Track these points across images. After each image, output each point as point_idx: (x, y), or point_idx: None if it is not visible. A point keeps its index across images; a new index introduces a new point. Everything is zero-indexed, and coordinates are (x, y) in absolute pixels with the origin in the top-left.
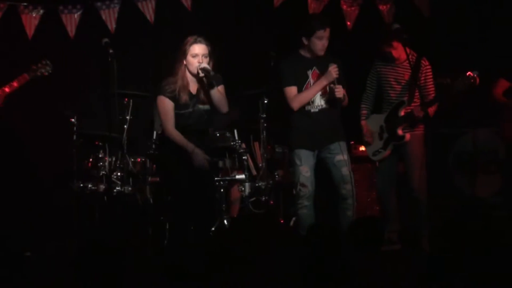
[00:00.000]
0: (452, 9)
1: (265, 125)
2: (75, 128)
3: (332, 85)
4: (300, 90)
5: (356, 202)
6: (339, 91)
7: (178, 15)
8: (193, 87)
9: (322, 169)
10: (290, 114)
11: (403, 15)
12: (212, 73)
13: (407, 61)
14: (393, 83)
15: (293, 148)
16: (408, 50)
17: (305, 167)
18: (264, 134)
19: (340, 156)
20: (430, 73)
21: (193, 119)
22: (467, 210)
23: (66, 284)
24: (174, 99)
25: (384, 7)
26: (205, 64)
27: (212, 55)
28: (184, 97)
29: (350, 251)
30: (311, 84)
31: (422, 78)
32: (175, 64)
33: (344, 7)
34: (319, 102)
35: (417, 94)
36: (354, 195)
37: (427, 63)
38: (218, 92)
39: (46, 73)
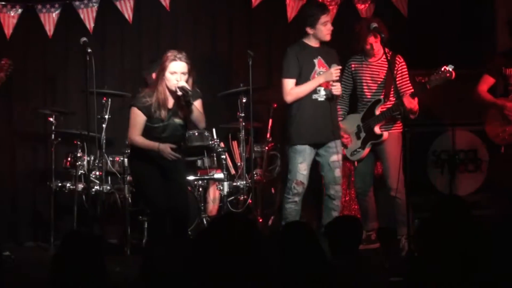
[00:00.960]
0: (430, 8)
1: (243, 124)
2: (53, 127)
3: (331, 85)
4: (306, 79)
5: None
6: (337, 89)
7: (156, 15)
8: (170, 102)
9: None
10: (292, 104)
11: (381, 14)
12: (190, 92)
13: (382, 59)
14: (369, 81)
15: (295, 143)
16: (384, 50)
17: (304, 164)
18: (243, 133)
19: (335, 156)
20: (406, 70)
21: (167, 132)
22: (447, 209)
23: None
24: (148, 112)
25: (363, 6)
26: (183, 83)
27: (191, 72)
28: (161, 112)
29: (328, 250)
30: (318, 73)
31: (398, 75)
32: (156, 77)
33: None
34: (324, 91)
35: (392, 91)
36: (340, 198)
37: (401, 60)
38: (196, 109)
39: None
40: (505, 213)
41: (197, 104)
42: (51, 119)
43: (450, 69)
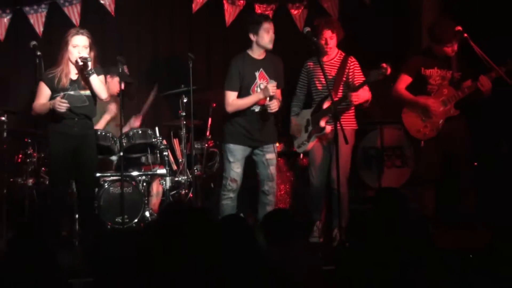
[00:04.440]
0: (358, 11)
1: (184, 122)
2: (4, 126)
3: (267, 101)
4: (247, 91)
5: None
6: (274, 107)
7: (102, 19)
8: (73, 73)
9: (248, 162)
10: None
11: (313, 18)
12: (89, 59)
13: (335, 59)
14: (322, 79)
15: (227, 143)
16: (339, 51)
17: (237, 163)
18: (184, 131)
19: (270, 155)
20: (358, 69)
21: (74, 102)
22: (387, 200)
23: None
24: (52, 83)
25: (296, 11)
26: (84, 54)
27: (93, 46)
28: (63, 82)
29: (264, 242)
30: (258, 86)
31: (351, 74)
32: (58, 53)
33: (259, 11)
34: (260, 107)
35: (341, 89)
36: (274, 193)
37: (353, 60)
38: (97, 80)
39: None
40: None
41: (100, 78)
42: (3, 118)
43: (387, 66)
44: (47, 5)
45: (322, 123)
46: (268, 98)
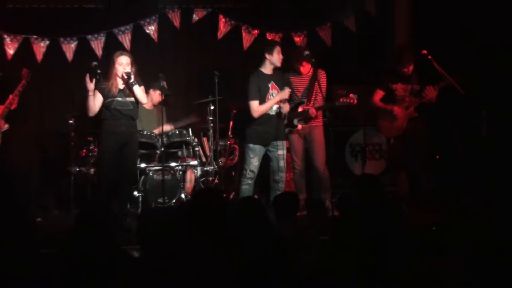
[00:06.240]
0: (348, 40)
1: (211, 124)
2: (72, 127)
3: (281, 103)
4: (263, 99)
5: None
6: (285, 107)
7: (147, 44)
8: (120, 84)
9: (264, 157)
10: (251, 117)
11: (312, 44)
12: (132, 75)
13: (309, 74)
14: (300, 88)
15: (249, 143)
16: (312, 67)
17: (255, 158)
18: (211, 131)
19: (280, 151)
20: (325, 81)
21: (121, 105)
22: (367, 183)
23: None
24: (104, 91)
25: (299, 38)
26: (127, 70)
27: (133, 63)
28: (113, 91)
29: (274, 218)
30: (271, 95)
31: (321, 84)
32: (109, 70)
33: (269, 38)
34: (276, 108)
35: (313, 97)
36: (284, 181)
37: (323, 72)
38: (138, 89)
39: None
40: (402, 188)
41: (141, 88)
42: (71, 121)
43: (355, 97)
44: (105, 34)
45: (295, 122)
46: (281, 101)
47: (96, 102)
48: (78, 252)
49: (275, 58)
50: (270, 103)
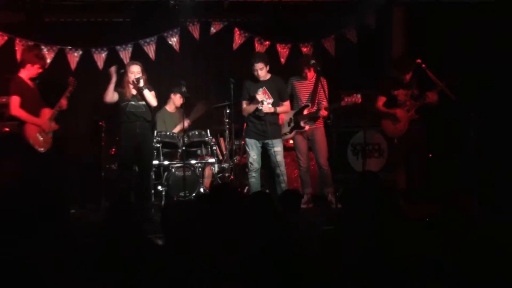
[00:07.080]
0: (351, 49)
1: (227, 126)
2: (103, 129)
3: (259, 106)
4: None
5: (286, 177)
6: (265, 108)
7: (170, 54)
8: (133, 90)
9: (266, 155)
10: (247, 116)
11: (318, 54)
12: (142, 81)
13: (312, 80)
14: (304, 93)
15: (245, 138)
16: (315, 74)
17: (252, 151)
18: (227, 132)
19: (277, 148)
20: (326, 87)
21: (134, 108)
22: (367, 179)
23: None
24: (121, 95)
25: (306, 49)
26: (138, 76)
27: (144, 72)
28: (127, 96)
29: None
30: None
31: (322, 90)
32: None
33: (279, 49)
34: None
35: (316, 100)
36: (285, 174)
37: (324, 80)
38: (148, 93)
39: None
40: (401, 183)
41: (151, 93)
42: (101, 123)
43: (359, 96)
44: (132, 45)
45: (302, 124)
46: (260, 103)
47: (113, 94)
48: (109, 240)
49: (254, 73)
50: (251, 107)
